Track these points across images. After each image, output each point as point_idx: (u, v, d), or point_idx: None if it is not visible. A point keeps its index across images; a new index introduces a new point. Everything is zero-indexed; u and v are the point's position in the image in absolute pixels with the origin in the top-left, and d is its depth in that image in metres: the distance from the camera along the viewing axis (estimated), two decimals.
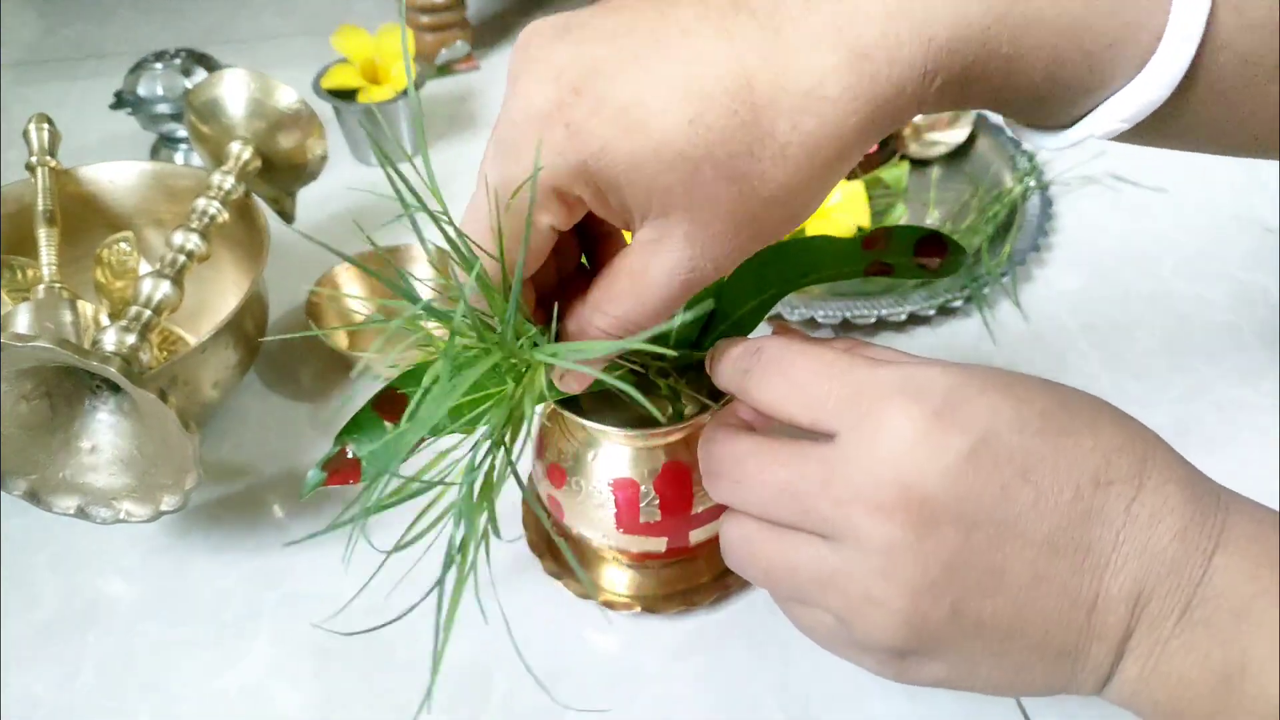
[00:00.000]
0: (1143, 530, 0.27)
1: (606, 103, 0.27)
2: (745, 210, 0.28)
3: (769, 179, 0.28)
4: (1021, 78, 0.29)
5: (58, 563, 0.49)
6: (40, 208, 0.54)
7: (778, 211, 0.29)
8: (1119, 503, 0.27)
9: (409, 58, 0.30)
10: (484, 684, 0.43)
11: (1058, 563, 0.27)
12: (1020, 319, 0.61)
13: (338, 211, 0.70)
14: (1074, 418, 0.28)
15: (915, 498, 0.26)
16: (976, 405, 0.27)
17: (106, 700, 0.43)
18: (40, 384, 0.44)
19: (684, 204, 0.27)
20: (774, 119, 0.27)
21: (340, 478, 0.35)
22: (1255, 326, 0.60)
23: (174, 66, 0.71)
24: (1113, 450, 0.27)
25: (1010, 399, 0.28)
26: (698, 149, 0.26)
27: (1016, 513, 0.27)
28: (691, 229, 0.28)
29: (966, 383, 0.28)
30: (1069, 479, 0.27)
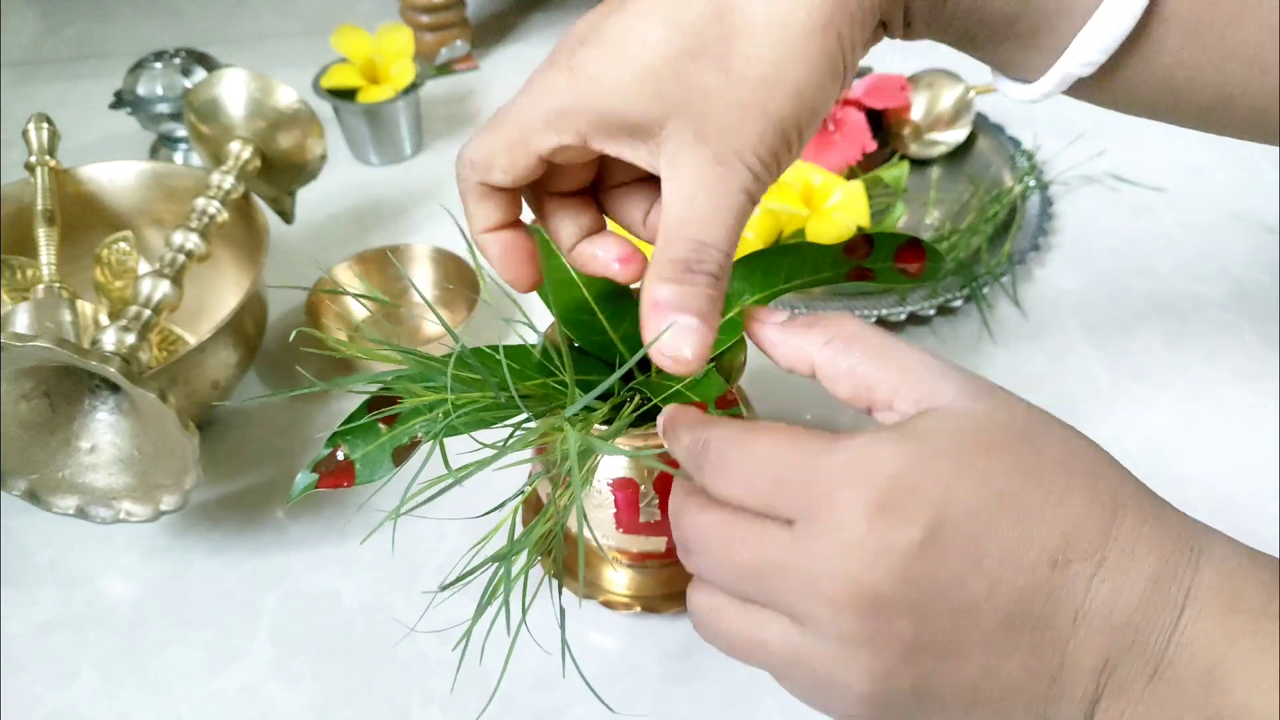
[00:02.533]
0: (1105, 604, 0.26)
1: (600, 42, 0.30)
2: (743, 96, 0.29)
3: (751, 57, 0.29)
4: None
5: (58, 563, 0.49)
6: (40, 207, 0.54)
7: (778, 93, 0.29)
8: (1079, 582, 0.26)
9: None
10: (484, 684, 0.43)
11: (1017, 641, 0.26)
12: (1020, 318, 0.61)
13: (337, 211, 0.70)
14: (1035, 492, 0.27)
15: (866, 594, 0.26)
16: (927, 492, 0.26)
17: (106, 700, 0.43)
18: (40, 384, 0.44)
19: (680, 107, 0.29)
20: (743, 6, 0.29)
21: (332, 481, 0.35)
22: (1255, 326, 0.60)
23: (174, 66, 0.71)
24: (1074, 525, 0.26)
25: (966, 480, 0.26)
26: (674, 49, 0.29)
27: (971, 601, 0.26)
28: (698, 127, 0.29)
29: (917, 464, 0.26)
30: (1025, 564, 0.26)
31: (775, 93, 0.29)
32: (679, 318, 0.29)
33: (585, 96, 0.30)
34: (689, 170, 0.29)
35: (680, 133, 0.29)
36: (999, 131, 0.73)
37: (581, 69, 0.30)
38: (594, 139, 0.30)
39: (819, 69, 0.30)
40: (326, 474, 0.35)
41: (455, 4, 0.84)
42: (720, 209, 0.29)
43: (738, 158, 0.29)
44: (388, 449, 0.34)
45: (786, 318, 0.32)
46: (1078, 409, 0.55)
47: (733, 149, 0.29)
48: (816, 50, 0.29)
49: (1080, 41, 0.31)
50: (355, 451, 0.35)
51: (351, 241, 0.66)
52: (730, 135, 0.29)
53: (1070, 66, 0.32)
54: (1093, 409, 0.55)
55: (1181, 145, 0.73)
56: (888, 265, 0.40)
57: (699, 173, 0.29)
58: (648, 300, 0.30)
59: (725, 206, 0.29)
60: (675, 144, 0.29)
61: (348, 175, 0.74)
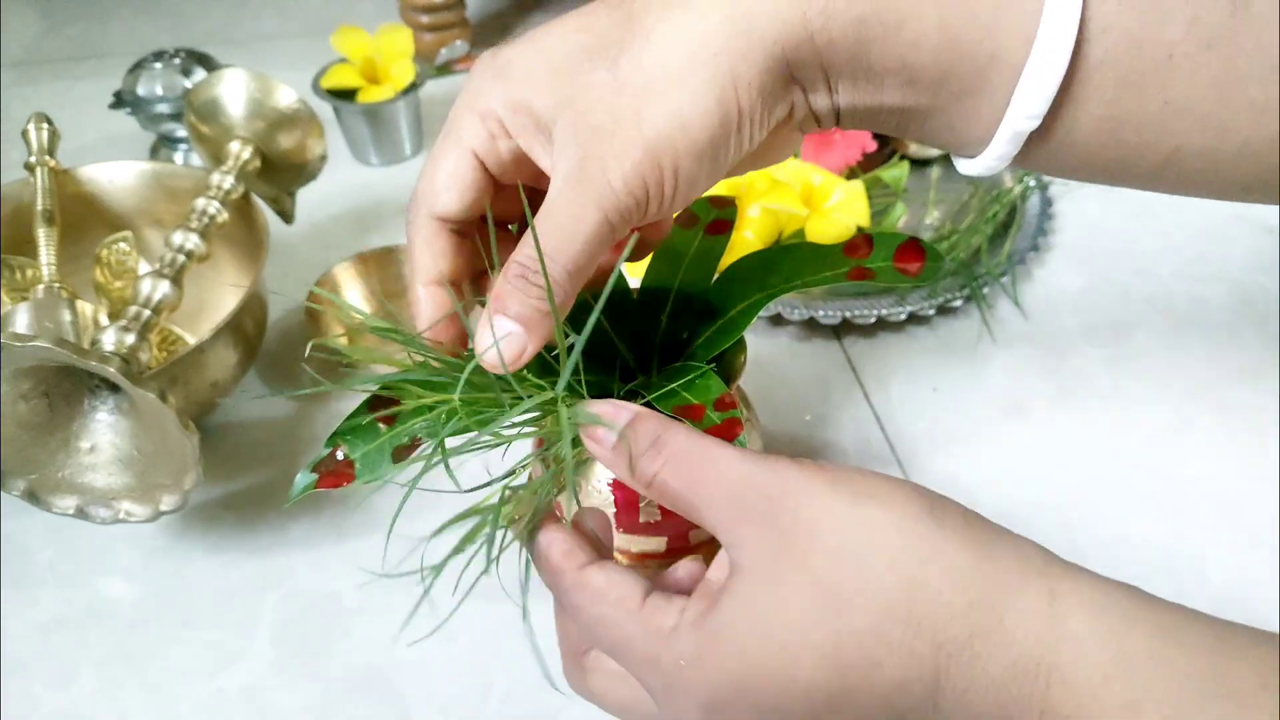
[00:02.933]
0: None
1: (523, 41, 0.31)
2: (621, 100, 0.29)
3: (640, 65, 0.29)
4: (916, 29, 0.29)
5: (58, 563, 0.49)
6: (40, 207, 0.54)
7: (657, 106, 0.28)
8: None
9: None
10: (484, 684, 0.43)
11: None
12: (1020, 319, 0.61)
13: (337, 211, 0.70)
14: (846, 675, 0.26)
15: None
16: (738, 711, 0.28)
17: (106, 700, 0.43)
18: (39, 384, 0.44)
19: (569, 101, 0.29)
20: (644, 16, 0.30)
21: (332, 480, 0.34)
22: (1255, 326, 0.60)
23: (173, 66, 0.71)
24: (893, 694, 0.26)
25: (773, 694, 0.27)
26: (579, 43, 0.30)
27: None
28: (578, 125, 0.29)
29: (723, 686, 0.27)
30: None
31: (653, 105, 0.28)
32: (502, 321, 0.29)
33: (505, 87, 0.31)
34: (559, 172, 0.29)
35: (564, 130, 0.29)
36: None
37: (505, 64, 0.31)
38: (513, 129, 0.31)
39: (704, 96, 0.29)
40: (326, 474, 0.35)
41: (455, 4, 0.84)
42: (572, 222, 0.28)
43: (601, 169, 0.28)
44: (387, 448, 0.34)
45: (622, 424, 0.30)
46: (1078, 409, 0.55)
47: (598, 157, 0.28)
48: (705, 76, 0.29)
49: (1020, 94, 0.30)
50: (355, 451, 0.35)
51: (351, 242, 0.66)
52: (600, 140, 0.28)
53: (1016, 122, 0.31)
54: (1093, 409, 0.55)
55: None
56: (887, 265, 0.40)
57: (565, 177, 0.29)
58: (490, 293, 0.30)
59: (578, 220, 0.28)
60: (559, 143, 0.29)
61: (348, 175, 0.74)
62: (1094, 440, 0.53)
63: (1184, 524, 0.49)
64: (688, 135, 0.29)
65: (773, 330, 0.60)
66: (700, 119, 0.29)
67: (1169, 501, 0.50)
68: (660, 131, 0.28)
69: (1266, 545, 0.48)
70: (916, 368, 0.58)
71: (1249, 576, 0.47)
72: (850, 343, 0.59)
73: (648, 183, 0.29)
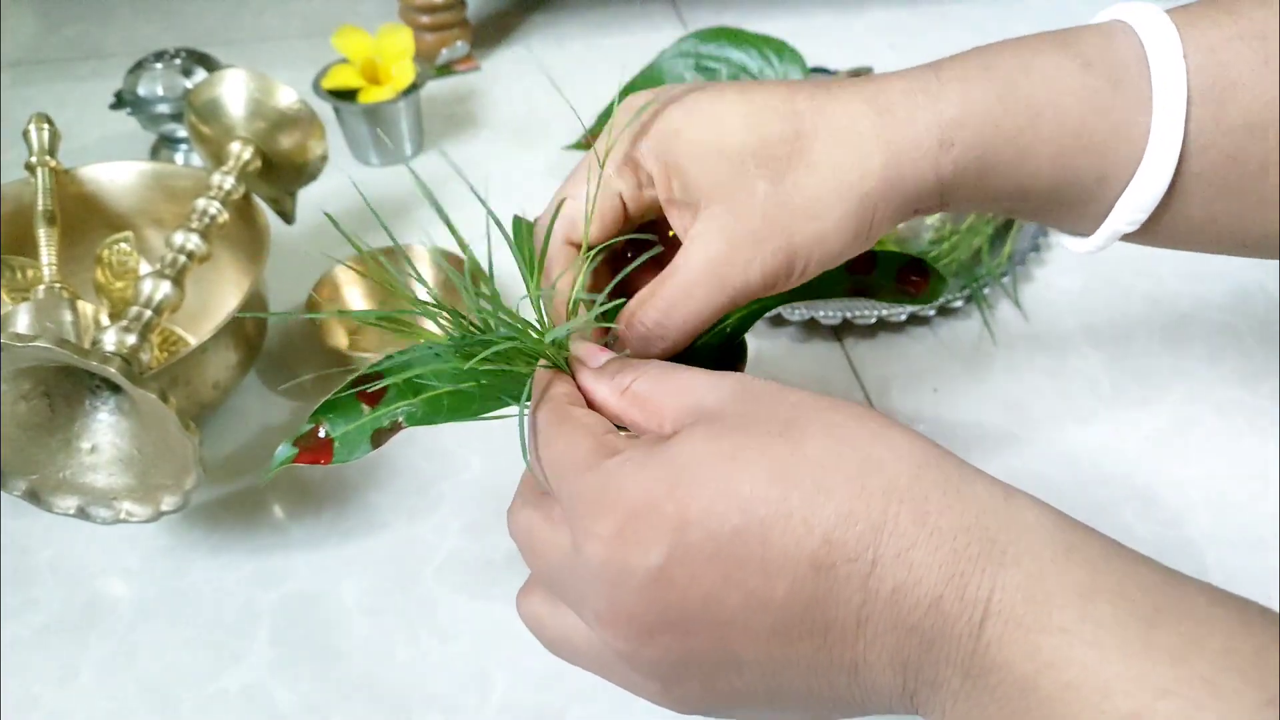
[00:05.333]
0: (886, 606, 0.25)
1: (692, 106, 0.34)
2: (777, 213, 0.33)
3: (801, 186, 0.33)
4: (1033, 164, 0.33)
5: (58, 563, 0.49)
6: (40, 208, 0.54)
7: (808, 227, 0.33)
8: (851, 582, 0.25)
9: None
10: (484, 684, 0.43)
11: (795, 646, 0.26)
12: (1020, 319, 0.61)
13: (338, 211, 0.70)
14: (787, 498, 0.25)
15: (621, 614, 0.27)
16: (664, 516, 0.26)
17: (106, 700, 0.43)
18: (40, 384, 0.44)
19: (727, 193, 0.33)
20: (812, 141, 0.33)
21: (310, 456, 0.35)
22: (1255, 327, 0.60)
23: (174, 66, 0.71)
24: (835, 526, 0.25)
25: (705, 497, 0.25)
26: (749, 146, 0.33)
27: (730, 614, 0.26)
28: (729, 220, 0.33)
29: (655, 488, 0.26)
30: (780, 571, 0.25)
31: (805, 226, 0.33)
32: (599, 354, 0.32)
33: (667, 150, 0.34)
34: (701, 252, 0.33)
35: (715, 218, 0.33)
36: None
37: (675, 132, 0.34)
38: (661, 188, 0.34)
39: (847, 228, 0.33)
40: (305, 449, 0.35)
41: (455, 4, 0.84)
42: (703, 300, 0.33)
43: (744, 264, 0.33)
44: (368, 430, 0.35)
45: (604, 360, 0.32)
46: (1078, 409, 0.55)
47: (744, 255, 0.33)
48: (853, 210, 0.33)
49: (1122, 205, 0.34)
50: (335, 430, 0.35)
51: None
52: (750, 243, 0.33)
53: (1117, 225, 0.35)
54: (1093, 409, 0.55)
55: None
56: (889, 284, 0.41)
57: (707, 260, 0.33)
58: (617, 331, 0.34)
59: (709, 300, 0.33)
60: (704, 224, 0.33)
61: (348, 175, 0.74)
62: (1094, 440, 0.53)
63: (1184, 524, 0.49)
64: (826, 250, 0.33)
65: (773, 330, 0.60)
66: (838, 241, 0.33)
67: (1169, 501, 0.50)
68: (806, 243, 0.33)
69: (1266, 545, 0.48)
70: (917, 368, 0.58)
71: (1249, 576, 0.47)
72: (851, 343, 0.59)
73: (778, 277, 0.33)
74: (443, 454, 0.53)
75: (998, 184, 0.34)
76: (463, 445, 0.53)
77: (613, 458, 0.27)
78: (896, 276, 0.41)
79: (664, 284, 0.33)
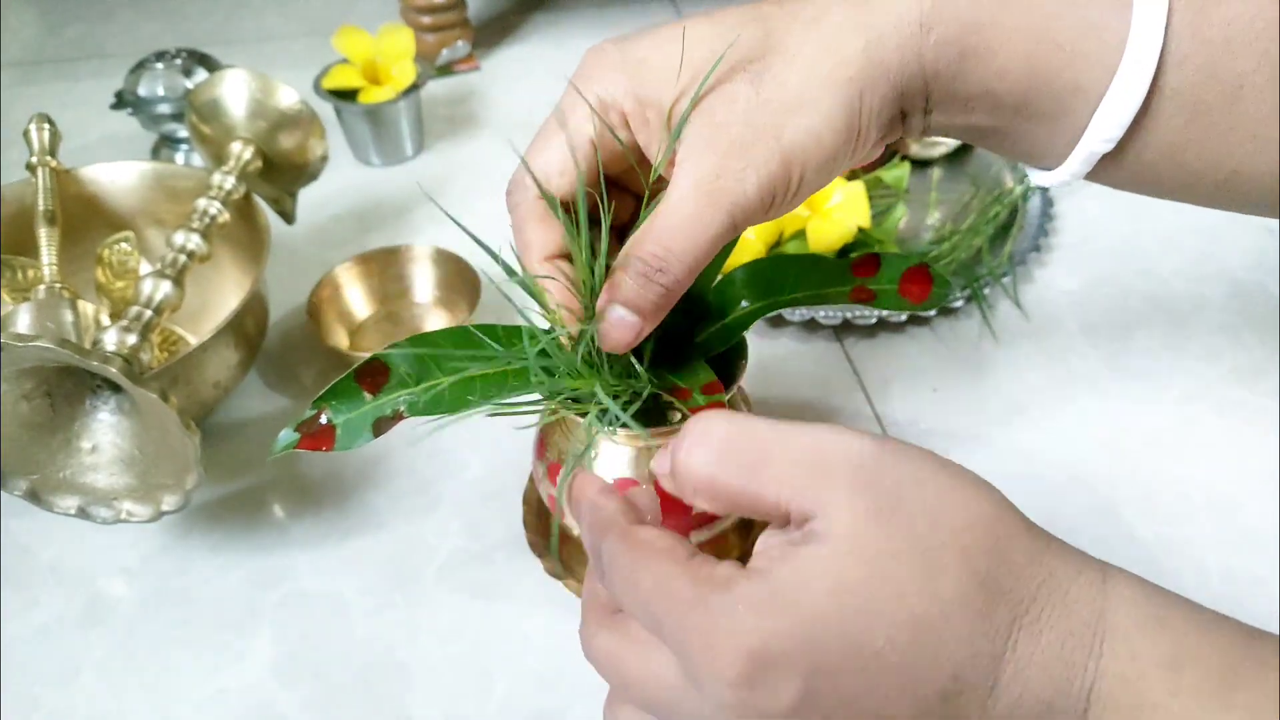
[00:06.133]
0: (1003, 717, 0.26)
1: (654, 37, 0.33)
2: (762, 116, 0.31)
3: (781, 82, 0.31)
4: (1004, 61, 0.32)
5: (58, 563, 0.49)
6: (41, 208, 0.54)
7: (795, 122, 0.31)
8: (971, 705, 0.26)
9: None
10: (484, 684, 0.43)
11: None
12: (1021, 319, 0.61)
13: (338, 212, 0.70)
14: (923, 643, 0.25)
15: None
16: (792, 662, 0.25)
17: (106, 700, 0.43)
18: (41, 384, 0.44)
19: (706, 107, 0.31)
20: (785, 37, 0.32)
21: (312, 443, 0.35)
22: (1255, 327, 0.60)
23: (175, 66, 0.71)
24: (963, 664, 0.25)
25: (836, 643, 0.25)
26: (714, 55, 0.31)
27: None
28: (710, 134, 0.31)
29: (781, 633, 0.25)
30: (909, 701, 0.25)
31: (792, 121, 0.31)
32: (621, 311, 0.32)
33: (636, 84, 0.32)
34: (689, 174, 0.31)
35: (696, 135, 0.31)
36: None
37: (633, 51, 0.33)
38: (635, 124, 0.33)
39: (836, 118, 0.32)
40: (307, 435, 0.35)
41: (456, 4, 0.84)
42: (700, 224, 0.31)
43: (736, 176, 0.31)
44: (370, 418, 0.35)
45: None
46: (1078, 409, 0.55)
47: (734, 166, 0.31)
48: (839, 99, 0.31)
49: (1098, 119, 0.33)
50: (338, 417, 0.35)
51: (352, 242, 0.66)
52: (737, 151, 0.31)
53: (1092, 144, 0.33)
54: (1093, 409, 0.55)
55: None
56: (892, 288, 0.41)
57: (696, 180, 0.31)
58: (610, 278, 0.33)
59: (706, 223, 0.31)
60: (688, 145, 0.32)
61: (349, 176, 0.74)
62: (1094, 440, 0.53)
63: (1184, 524, 0.49)
64: (820, 149, 0.32)
65: (773, 331, 0.60)
66: (831, 135, 0.32)
67: (1169, 501, 0.50)
68: (797, 144, 0.31)
69: (1266, 545, 0.48)
70: (917, 368, 0.58)
71: (1249, 576, 0.47)
72: (851, 343, 0.59)
73: (776, 189, 0.32)
74: (443, 454, 0.53)
75: (969, 84, 0.33)
76: (463, 445, 0.53)
77: (718, 592, 0.26)
78: (901, 279, 0.41)
79: (658, 215, 0.32)
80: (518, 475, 0.51)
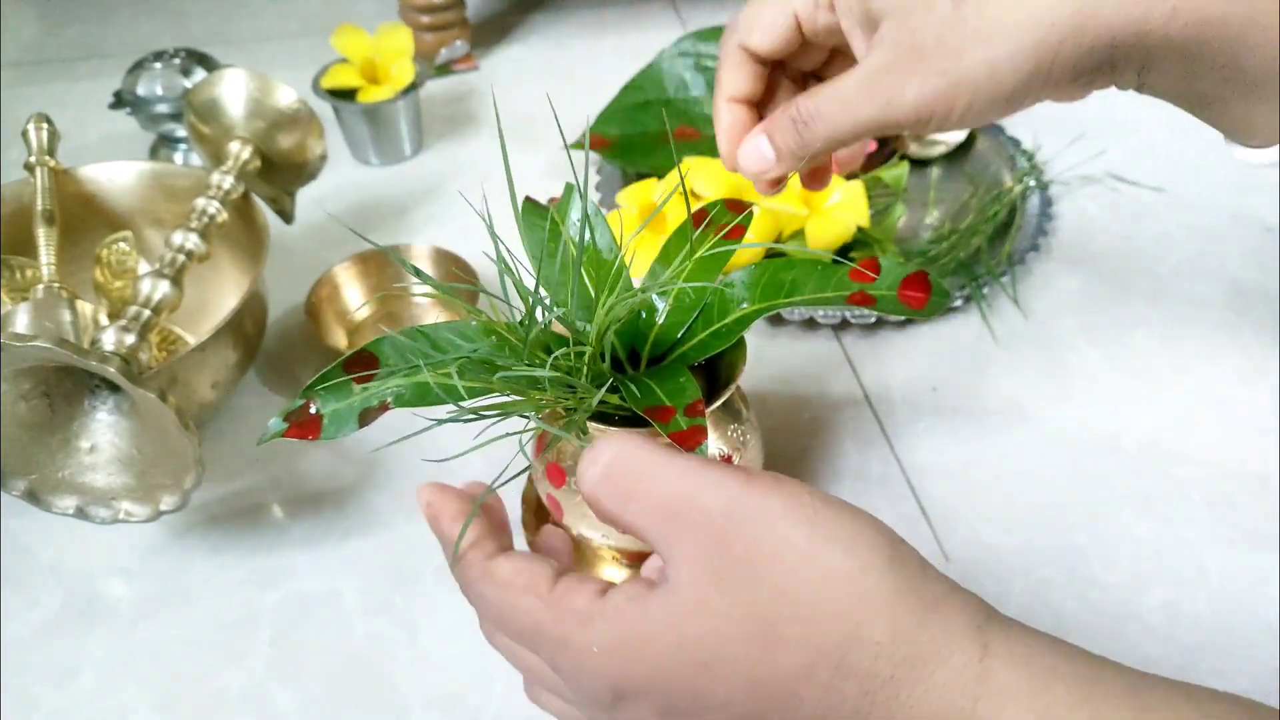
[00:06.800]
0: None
1: None
2: (952, 32, 0.31)
3: (983, 7, 0.30)
4: (1257, 37, 0.30)
5: (58, 563, 0.49)
6: (39, 207, 0.54)
7: (980, 51, 0.30)
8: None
9: None
10: (484, 684, 0.43)
11: None
12: (1020, 318, 0.61)
13: (337, 211, 0.70)
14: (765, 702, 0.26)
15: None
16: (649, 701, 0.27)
17: (106, 700, 0.43)
18: (39, 384, 0.44)
19: (905, 9, 0.31)
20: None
21: (299, 431, 0.35)
22: (1254, 326, 0.60)
23: (173, 66, 0.71)
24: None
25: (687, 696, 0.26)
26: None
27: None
28: (901, 32, 0.32)
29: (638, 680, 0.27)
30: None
31: (974, 49, 0.31)
32: (762, 140, 0.35)
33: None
34: (869, 64, 0.33)
35: (889, 31, 0.32)
36: (999, 131, 0.73)
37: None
38: (840, 7, 0.34)
39: (1022, 59, 0.30)
40: (295, 424, 0.36)
41: (455, 4, 0.84)
42: (854, 107, 0.33)
43: (902, 83, 0.32)
44: (358, 408, 0.35)
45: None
46: (1077, 408, 0.55)
47: (906, 72, 0.31)
48: (1033, 40, 0.30)
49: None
50: (326, 406, 0.35)
51: (351, 242, 0.66)
52: (916, 59, 0.31)
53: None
54: (1093, 409, 0.55)
55: (1181, 145, 0.73)
56: (891, 294, 0.40)
57: (869, 69, 0.32)
58: (766, 118, 0.36)
59: (859, 108, 0.33)
60: (880, 39, 0.32)
61: (348, 175, 0.74)
62: (1094, 440, 0.53)
63: (1184, 524, 0.49)
64: (994, 84, 0.31)
65: (772, 330, 0.60)
66: (1011, 76, 0.31)
67: (1169, 501, 0.50)
68: (970, 73, 0.31)
69: (1266, 545, 0.48)
70: (917, 367, 0.58)
71: (1249, 576, 0.47)
72: (850, 342, 0.59)
73: (935, 110, 0.32)
74: (443, 454, 0.53)
75: (1213, 54, 0.30)
76: (463, 445, 0.53)
77: (579, 632, 0.28)
78: (900, 286, 0.40)
79: (828, 84, 0.34)
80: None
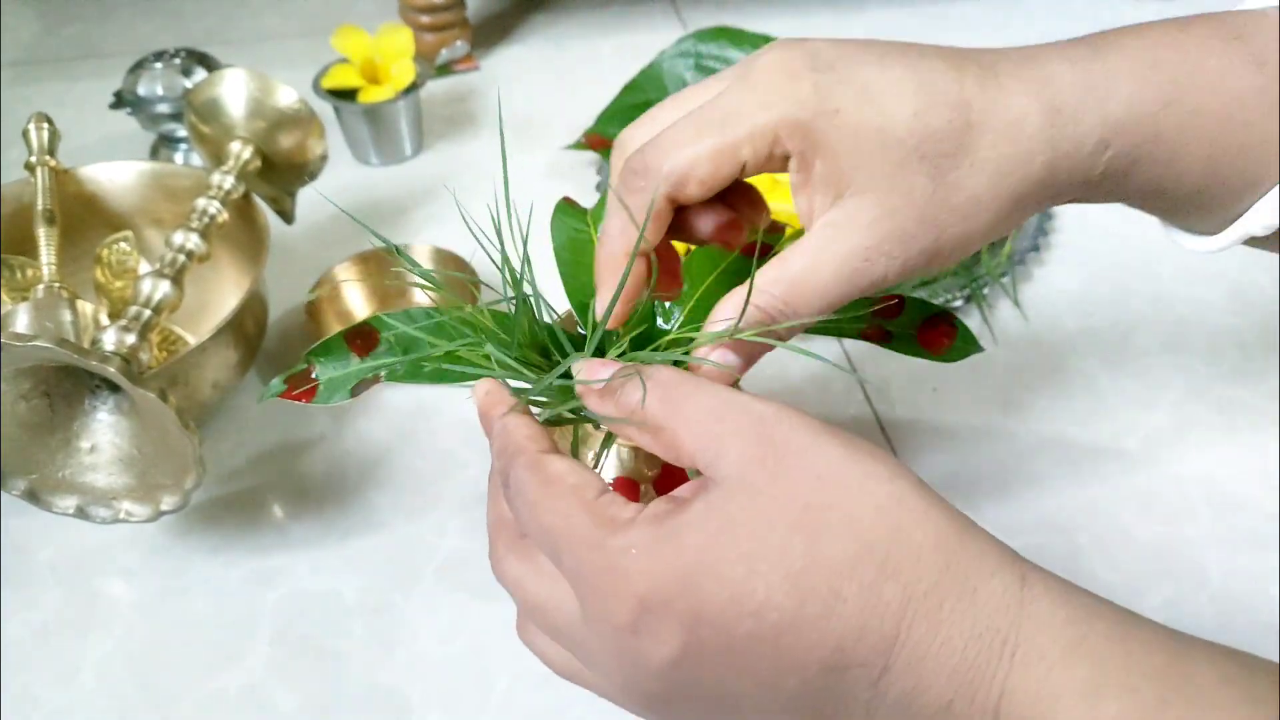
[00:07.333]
0: (895, 707, 0.25)
1: (852, 79, 0.31)
2: (933, 212, 0.31)
3: (962, 187, 0.31)
4: (1183, 165, 0.32)
5: (58, 563, 0.49)
6: (40, 207, 0.54)
7: (959, 226, 0.32)
8: (860, 683, 0.25)
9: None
10: (484, 684, 0.43)
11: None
12: (1020, 319, 0.61)
13: (338, 212, 0.70)
14: (804, 603, 0.25)
15: (636, 689, 0.27)
16: (676, 612, 0.25)
17: (106, 700, 0.43)
18: (40, 384, 0.44)
19: (884, 185, 0.31)
20: (979, 137, 0.31)
21: (297, 395, 0.36)
22: (1254, 327, 0.60)
23: (174, 66, 0.71)
24: (847, 636, 0.25)
25: (720, 594, 0.25)
26: (914, 137, 0.31)
27: (741, 697, 0.26)
28: (879, 215, 0.31)
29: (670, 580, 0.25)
30: (791, 670, 0.25)
31: (957, 226, 0.32)
32: (728, 353, 0.32)
33: (823, 121, 0.31)
34: (842, 244, 0.31)
35: (863, 210, 0.31)
36: None
37: (829, 94, 0.31)
38: (797, 166, 0.32)
39: (992, 227, 0.32)
40: (293, 386, 0.37)
41: (455, 4, 0.84)
42: (831, 294, 0.31)
43: (884, 262, 0.31)
44: (354, 378, 0.36)
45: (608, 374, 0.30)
46: (1077, 409, 0.55)
47: (886, 252, 0.31)
48: (1002, 212, 0.32)
49: (1262, 206, 0.33)
50: (324, 374, 0.36)
51: (351, 241, 0.66)
52: (896, 240, 0.31)
53: (1250, 228, 0.34)
54: (1092, 409, 0.55)
55: None
56: (911, 334, 0.39)
57: (847, 254, 0.31)
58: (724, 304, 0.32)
59: (836, 294, 0.32)
60: (848, 214, 0.31)
61: (348, 175, 0.74)
62: (1094, 440, 0.53)
63: (1184, 524, 0.49)
64: (966, 249, 0.32)
65: None
66: (981, 239, 0.32)
67: (1169, 501, 0.50)
68: (948, 243, 0.32)
69: (1266, 545, 0.48)
70: (917, 368, 0.58)
71: (1249, 576, 0.47)
72: (850, 342, 0.59)
73: (914, 274, 0.32)
74: (442, 454, 0.53)
75: (1140, 183, 0.33)
76: (463, 445, 0.53)
77: (616, 535, 0.26)
78: (921, 325, 0.39)
79: (792, 267, 0.31)
80: None
